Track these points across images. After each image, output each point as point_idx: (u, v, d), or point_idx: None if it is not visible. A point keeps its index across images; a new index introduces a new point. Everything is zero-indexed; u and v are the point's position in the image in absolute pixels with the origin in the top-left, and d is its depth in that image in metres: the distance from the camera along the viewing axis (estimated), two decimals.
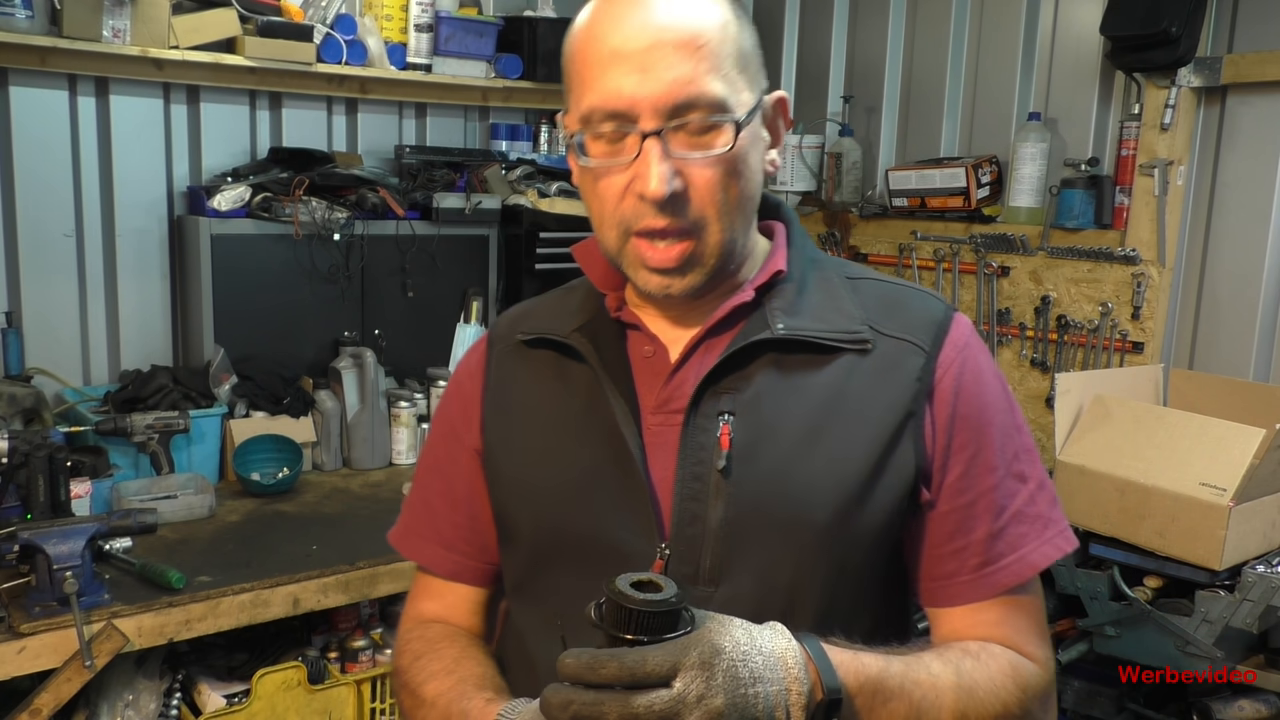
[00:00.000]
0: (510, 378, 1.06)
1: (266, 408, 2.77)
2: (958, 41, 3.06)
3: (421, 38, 3.05)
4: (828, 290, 1.00)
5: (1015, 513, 0.97)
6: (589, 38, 0.93)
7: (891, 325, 0.98)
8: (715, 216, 0.92)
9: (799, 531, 0.91)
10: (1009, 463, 0.97)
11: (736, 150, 0.91)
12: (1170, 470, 2.02)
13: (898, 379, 0.95)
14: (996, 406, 0.98)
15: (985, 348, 1.02)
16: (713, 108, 0.90)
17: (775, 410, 0.94)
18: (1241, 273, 2.51)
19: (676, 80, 0.89)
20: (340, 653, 2.37)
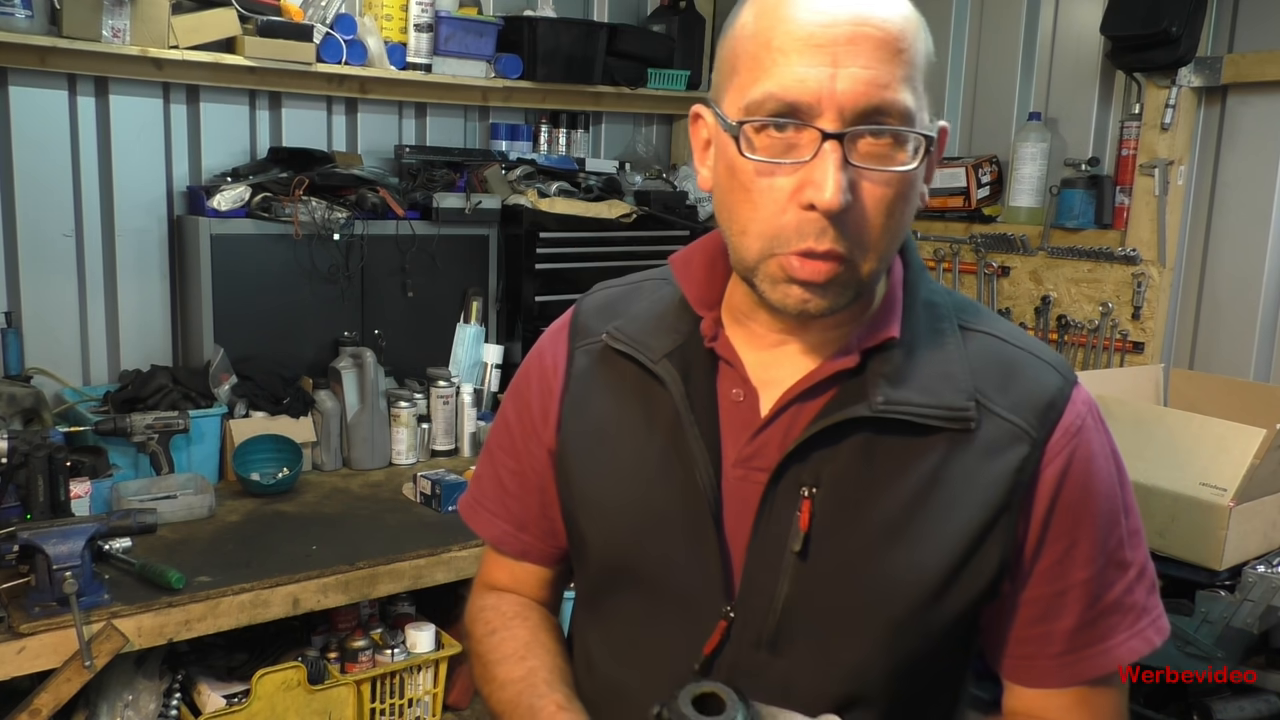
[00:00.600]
0: (592, 384, 0.99)
1: (266, 408, 2.77)
2: (958, 41, 3.06)
3: (421, 37, 3.05)
4: (939, 351, 0.89)
5: (1110, 603, 0.91)
6: (774, 14, 0.80)
7: (1001, 401, 0.88)
8: (874, 242, 0.82)
9: (870, 622, 0.87)
10: (1110, 552, 0.90)
11: (917, 171, 0.82)
12: (1170, 470, 2.02)
13: (998, 469, 0.86)
14: (1105, 495, 0.90)
15: (1102, 425, 0.94)
16: (904, 118, 0.80)
17: (862, 494, 0.87)
18: (1241, 273, 2.51)
19: (874, 81, 0.78)
20: (340, 653, 2.37)
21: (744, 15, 0.84)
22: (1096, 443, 0.91)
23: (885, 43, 0.78)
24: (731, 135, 0.82)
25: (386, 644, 2.40)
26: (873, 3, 0.79)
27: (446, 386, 3.02)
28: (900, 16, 0.81)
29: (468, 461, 2.96)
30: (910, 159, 0.81)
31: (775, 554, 0.88)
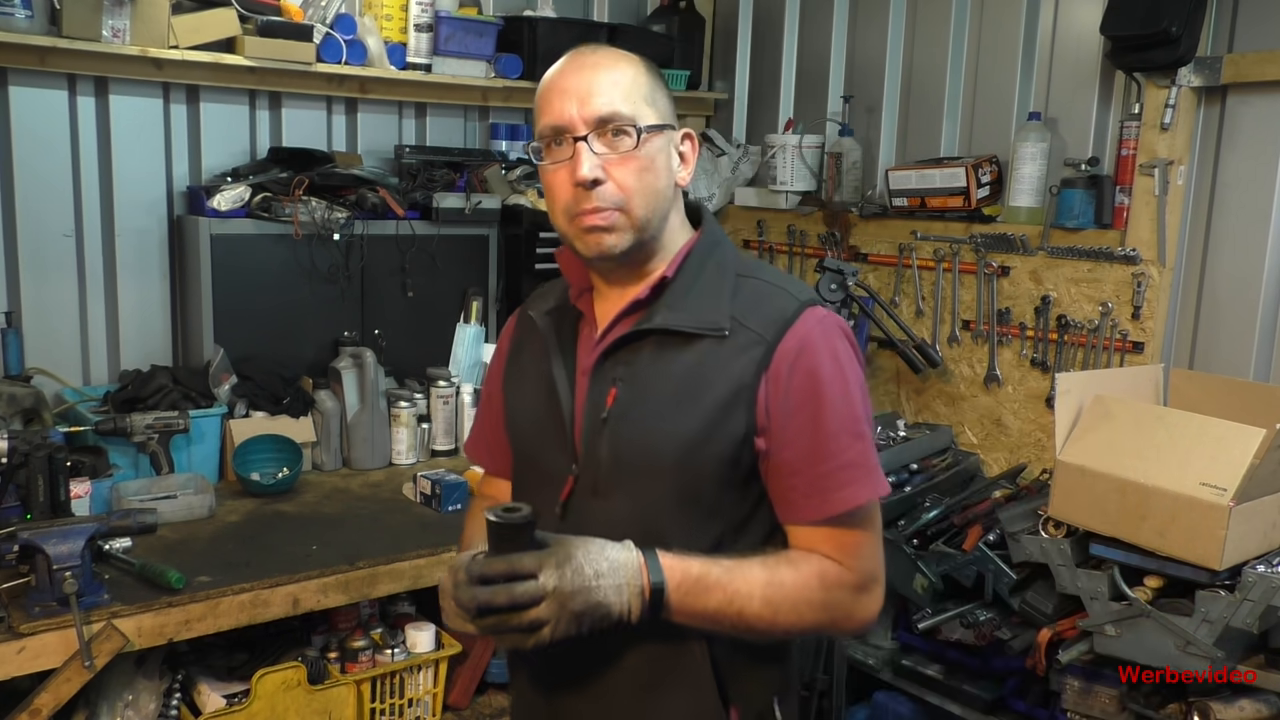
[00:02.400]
0: (521, 345, 1.47)
1: (266, 408, 2.77)
2: (958, 41, 3.05)
3: (421, 37, 3.05)
4: (712, 288, 1.32)
5: (846, 461, 1.27)
6: (547, 82, 1.32)
7: (751, 319, 1.29)
8: (632, 195, 1.27)
9: (653, 469, 1.28)
10: (846, 424, 1.27)
11: (642, 150, 1.27)
12: (1170, 470, 2.02)
13: (742, 361, 1.27)
14: (830, 381, 1.27)
15: (832, 334, 1.30)
16: (623, 120, 1.27)
17: (648, 382, 1.29)
18: (1241, 273, 2.51)
19: (599, 103, 1.26)
20: (340, 653, 2.37)
21: (540, 86, 1.33)
22: (823, 345, 1.29)
23: (604, 81, 1.28)
24: (536, 155, 1.32)
25: (386, 644, 2.40)
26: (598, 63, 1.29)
27: (446, 386, 3.02)
28: (616, 67, 1.29)
29: (468, 461, 2.96)
30: (633, 143, 1.27)
31: (596, 427, 1.30)
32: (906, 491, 2.62)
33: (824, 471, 1.27)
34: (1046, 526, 2.21)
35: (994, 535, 2.38)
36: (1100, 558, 2.13)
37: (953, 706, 2.46)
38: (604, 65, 1.30)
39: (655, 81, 1.33)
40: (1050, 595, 2.24)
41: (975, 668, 2.47)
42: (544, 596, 1.13)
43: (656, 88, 1.32)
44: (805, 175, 3.36)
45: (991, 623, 2.38)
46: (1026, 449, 2.85)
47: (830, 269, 2.93)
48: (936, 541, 2.46)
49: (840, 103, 3.34)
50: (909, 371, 3.01)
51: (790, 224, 3.45)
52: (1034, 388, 2.84)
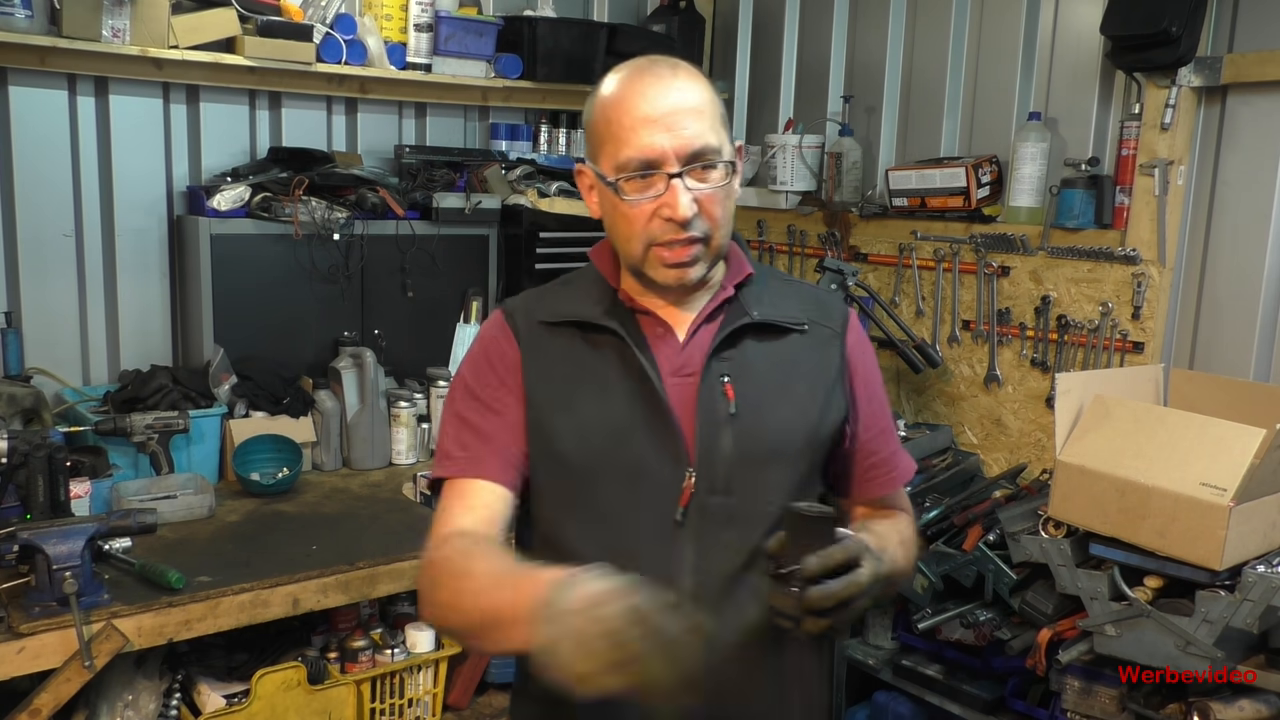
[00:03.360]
0: (545, 350, 1.34)
1: (266, 408, 2.77)
2: (958, 41, 3.05)
3: (421, 37, 3.05)
4: (777, 289, 1.40)
5: (896, 439, 1.48)
6: (621, 106, 1.25)
7: (819, 316, 1.39)
8: (717, 228, 1.28)
9: (780, 455, 1.32)
10: (887, 407, 1.48)
11: (732, 181, 1.29)
12: (1170, 470, 2.02)
13: (829, 354, 1.37)
14: (877, 373, 1.45)
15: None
16: (714, 154, 1.25)
17: (756, 374, 1.32)
18: (1241, 273, 2.51)
19: (690, 135, 1.23)
20: (340, 653, 2.37)
21: (602, 106, 1.27)
22: (869, 343, 1.46)
23: (693, 110, 1.24)
24: (611, 187, 1.25)
25: (386, 644, 2.40)
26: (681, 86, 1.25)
27: (446, 386, 3.02)
28: (698, 90, 1.26)
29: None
30: (724, 176, 1.27)
31: (715, 423, 1.28)
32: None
33: (895, 449, 1.46)
34: (1046, 526, 2.21)
35: (994, 535, 2.38)
36: (1100, 558, 2.13)
37: (953, 706, 2.46)
38: (688, 90, 1.25)
39: (721, 100, 1.31)
40: (1050, 595, 2.24)
41: (975, 668, 2.46)
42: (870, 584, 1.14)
43: (723, 108, 1.31)
44: (805, 175, 3.36)
45: (991, 623, 2.38)
46: (1026, 449, 2.85)
47: (830, 269, 2.93)
48: (936, 541, 2.46)
49: (840, 103, 3.34)
50: (909, 371, 3.01)
51: (790, 224, 3.45)
52: (1034, 388, 2.84)
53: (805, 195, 3.42)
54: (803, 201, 3.44)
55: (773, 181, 3.42)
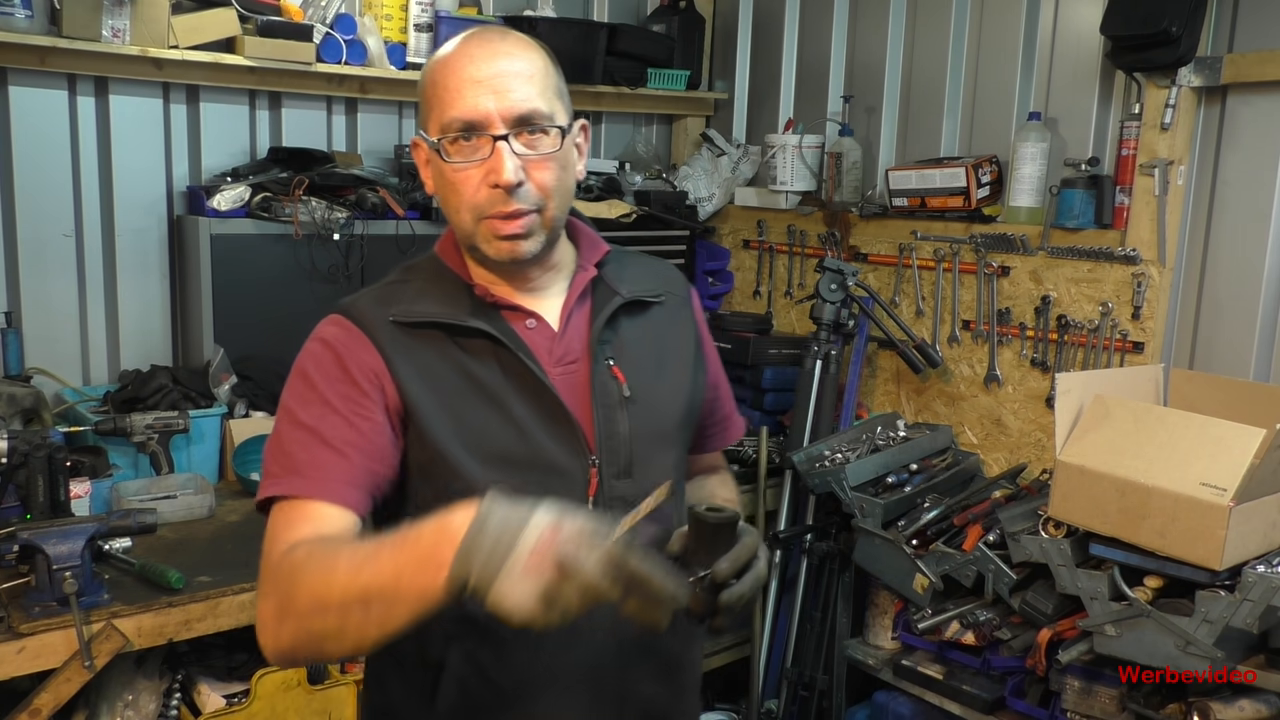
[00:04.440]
0: (412, 355, 1.24)
1: (266, 408, 2.77)
2: (958, 41, 3.06)
3: (421, 37, 3.05)
4: (633, 263, 1.41)
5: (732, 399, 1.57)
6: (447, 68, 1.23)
7: (667, 286, 1.41)
8: (549, 197, 1.23)
9: (666, 432, 1.35)
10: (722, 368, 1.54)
11: (563, 149, 1.24)
12: (1170, 470, 2.02)
13: (684, 323, 1.42)
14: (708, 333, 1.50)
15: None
16: (543, 119, 1.21)
17: (633, 353, 1.33)
18: (1241, 273, 2.51)
19: (517, 99, 1.20)
20: None
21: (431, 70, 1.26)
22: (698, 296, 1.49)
23: (521, 74, 1.21)
24: (435, 150, 1.22)
25: None
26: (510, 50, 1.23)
27: None
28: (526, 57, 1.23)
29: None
30: (555, 143, 1.22)
31: (612, 408, 1.28)
32: (906, 491, 2.62)
33: (732, 409, 1.57)
34: (1046, 526, 2.21)
35: (994, 535, 2.38)
36: (1100, 558, 2.13)
37: (953, 706, 2.46)
38: (517, 55, 1.22)
39: (559, 72, 1.29)
40: (1050, 595, 2.24)
41: (975, 668, 2.46)
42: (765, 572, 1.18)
43: (561, 79, 1.28)
44: (805, 175, 3.36)
45: (991, 623, 2.38)
46: (1026, 449, 2.85)
47: (830, 269, 2.93)
48: (936, 541, 2.46)
49: (840, 103, 3.34)
50: (909, 371, 3.02)
51: (790, 224, 3.45)
52: (1034, 388, 2.84)
53: (805, 195, 3.42)
54: (803, 201, 3.44)
55: (773, 181, 3.42)
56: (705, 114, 3.83)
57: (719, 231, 3.73)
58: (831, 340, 2.98)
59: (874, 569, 2.61)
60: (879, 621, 2.73)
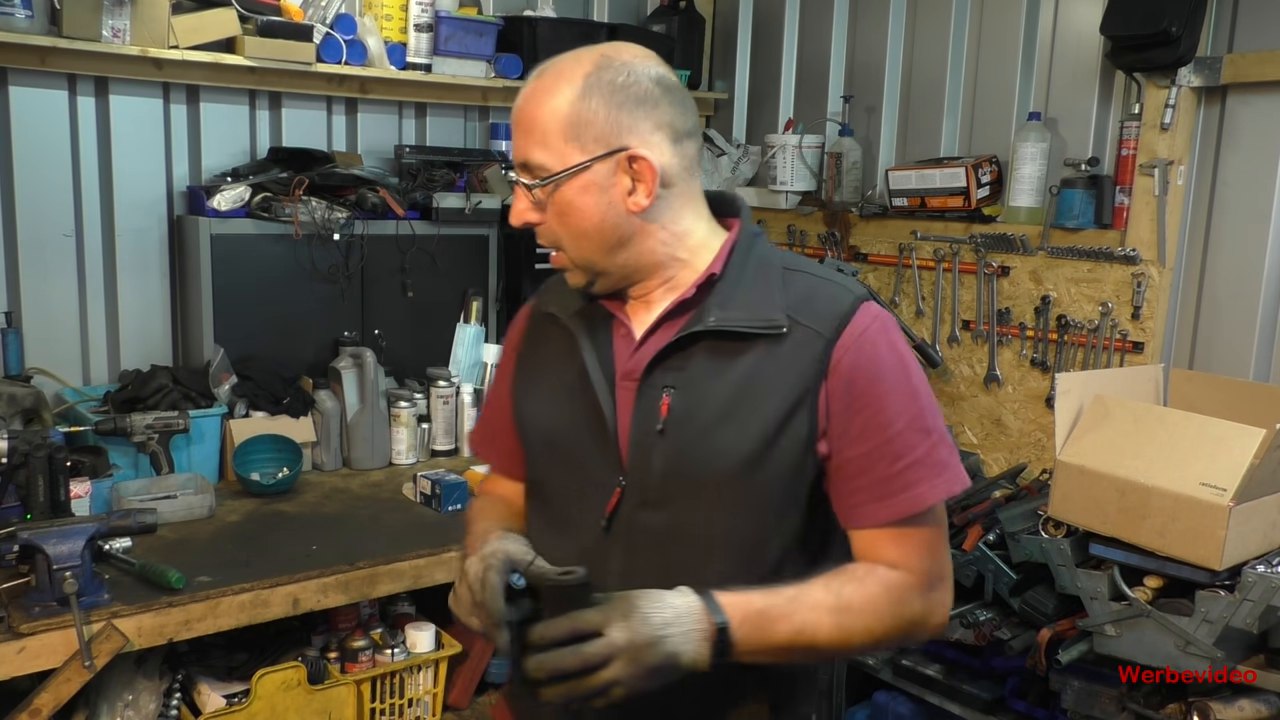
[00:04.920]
0: (536, 343, 1.39)
1: (266, 408, 2.77)
2: (958, 41, 3.06)
3: (421, 37, 3.05)
4: (762, 284, 1.26)
5: (914, 459, 1.21)
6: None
7: (806, 315, 1.22)
8: (560, 240, 1.25)
9: (713, 479, 1.21)
10: (911, 419, 1.22)
11: (555, 197, 1.22)
12: (1170, 470, 2.02)
13: (802, 360, 1.21)
14: (892, 376, 1.22)
15: (889, 329, 1.25)
16: (538, 170, 1.22)
17: (704, 387, 1.22)
18: (1241, 273, 2.51)
19: (520, 146, 1.24)
20: (340, 653, 2.37)
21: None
22: (882, 340, 1.23)
23: (521, 123, 1.24)
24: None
25: (386, 644, 2.40)
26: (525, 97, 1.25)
27: (446, 386, 3.03)
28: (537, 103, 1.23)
29: (467, 461, 2.96)
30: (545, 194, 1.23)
31: (648, 436, 1.23)
32: None
33: (891, 472, 1.20)
34: (1046, 526, 2.21)
35: (994, 535, 2.38)
36: (1100, 558, 2.13)
37: (953, 706, 2.46)
38: (539, 96, 1.22)
39: (590, 99, 1.20)
40: (1050, 595, 2.24)
41: (975, 668, 2.46)
42: (614, 655, 1.06)
43: (591, 110, 1.20)
44: (805, 175, 3.36)
45: (991, 623, 2.38)
46: (1026, 449, 2.85)
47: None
48: None
49: (840, 103, 3.34)
50: None
51: (790, 224, 3.45)
52: (1034, 388, 2.84)
53: (805, 195, 3.42)
54: (803, 201, 3.44)
55: (773, 181, 3.42)
56: (705, 114, 3.83)
57: None
58: None
59: None
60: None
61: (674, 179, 1.25)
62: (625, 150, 1.21)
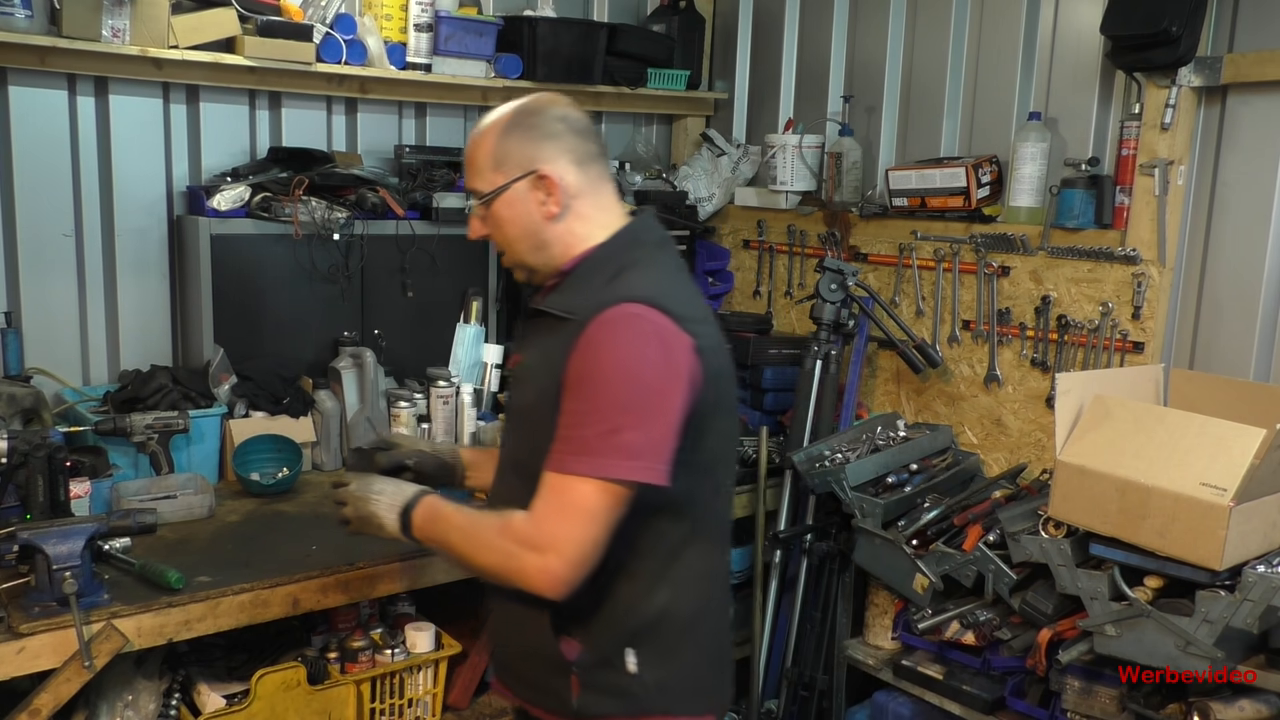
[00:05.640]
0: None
1: (266, 408, 2.77)
2: (958, 41, 3.06)
3: (421, 37, 3.05)
4: (589, 281, 1.58)
5: (578, 435, 1.48)
6: None
7: (582, 309, 1.52)
8: (501, 246, 1.67)
9: (517, 414, 1.72)
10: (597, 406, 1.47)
11: (490, 214, 1.63)
12: (1170, 470, 2.02)
13: (569, 339, 1.50)
14: (596, 364, 1.48)
15: (627, 328, 1.47)
16: (476, 194, 1.63)
17: (530, 350, 1.65)
18: (1241, 273, 2.51)
19: (466, 181, 1.66)
20: (340, 653, 2.37)
21: None
22: (607, 335, 1.48)
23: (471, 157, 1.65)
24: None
25: (386, 644, 2.40)
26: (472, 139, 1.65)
27: (446, 386, 3.02)
28: (473, 146, 1.64)
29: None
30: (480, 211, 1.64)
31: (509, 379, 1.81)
32: (906, 491, 2.62)
33: (567, 436, 1.49)
34: (1046, 526, 2.21)
35: (994, 535, 2.38)
36: (1100, 558, 2.13)
37: (953, 706, 2.46)
38: (475, 141, 1.63)
39: (508, 138, 1.60)
40: (1050, 595, 2.24)
41: (975, 668, 2.46)
42: (345, 499, 1.73)
43: (509, 145, 1.59)
44: (805, 175, 3.36)
45: (991, 623, 2.38)
46: (1026, 449, 2.86)
47: (830, 269, 2.93)
48: (936, 541, 2.46)
49: (840, 103, 3.34)
50: (909, 371, 3.02)
51: (790, 224, 3.45)
52: (1034, 388, 2.84)
53: (805, 195, 3.42)
54: (803, 201, 3.44)
55: (773, 181, 3.42)
56: (705, 114, 3.83)
57: (719, 231, 3.73)
58: (831, 340, 2.98)
59: (874, 569, 2.61)
60: (879, 621, 2.73)
61: (579, 193, 1.61)
62: (535, 171, 1.58)
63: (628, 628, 1.58)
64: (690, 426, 1.50)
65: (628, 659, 1.57)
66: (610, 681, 1.59)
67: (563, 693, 1.60)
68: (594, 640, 1.58)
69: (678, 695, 1.61)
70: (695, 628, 1.63)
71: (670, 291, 1.54)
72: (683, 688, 1.62)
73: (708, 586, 1.66)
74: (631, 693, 1.58)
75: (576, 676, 1.59)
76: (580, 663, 1.58)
